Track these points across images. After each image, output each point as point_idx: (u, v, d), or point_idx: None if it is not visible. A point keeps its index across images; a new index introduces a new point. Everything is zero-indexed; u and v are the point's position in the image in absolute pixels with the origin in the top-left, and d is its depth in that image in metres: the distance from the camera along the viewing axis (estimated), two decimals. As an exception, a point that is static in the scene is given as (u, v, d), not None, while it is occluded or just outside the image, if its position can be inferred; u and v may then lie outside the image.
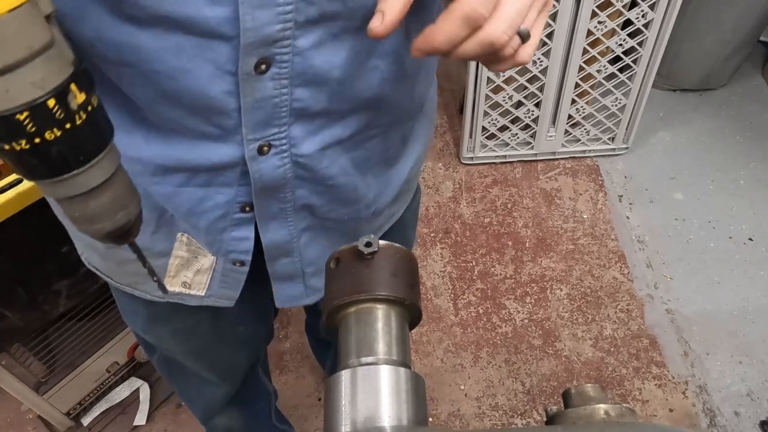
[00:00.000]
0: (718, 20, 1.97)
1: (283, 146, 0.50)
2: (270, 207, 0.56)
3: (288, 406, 1.48)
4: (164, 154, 0.50)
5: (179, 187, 0.53)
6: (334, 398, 0.35)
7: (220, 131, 0.48)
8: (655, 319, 1.64)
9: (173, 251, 0.60)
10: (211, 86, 0.44)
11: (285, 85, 0.45)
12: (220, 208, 0.55)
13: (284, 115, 0.47)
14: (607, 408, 0.35)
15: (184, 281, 0.63)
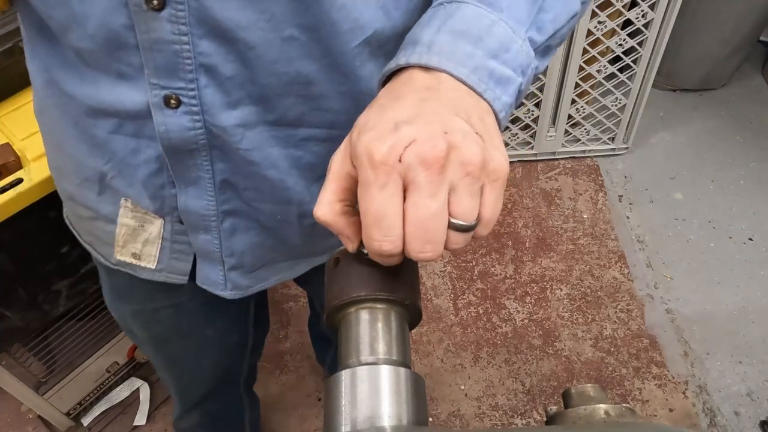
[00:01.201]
0: (718, 20, 1.97)
1: (193, 106, 0.48)
2: (186, 171, 0.54)
3: (288, 406, 1.48)
4: (90, 94, 0.50)
5: (111, 134, 0.52)
6: (334, 398, 0.35)
7: (131, 71, 0.47)
8: (655, 319, 1.64)
9: (119, 218, 0.60)
10: (112, 16, 0.43)
11: (184, 32, 0.43)
12: (153, 162, 0.54)
13: (189, 67, 0.45)
14: (607, 408, 0.35)
15: (133, 252, 0.63)
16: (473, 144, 0.34)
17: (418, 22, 0.43)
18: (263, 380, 1.52)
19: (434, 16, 0.41)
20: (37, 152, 0.87)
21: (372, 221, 0.34)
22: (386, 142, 0.33)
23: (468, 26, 0.39)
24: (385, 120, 0.35)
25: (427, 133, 0.33)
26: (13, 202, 0.83)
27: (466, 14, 0.40)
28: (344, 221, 0.37)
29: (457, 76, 0.38)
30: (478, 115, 0.37)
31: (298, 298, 1.67)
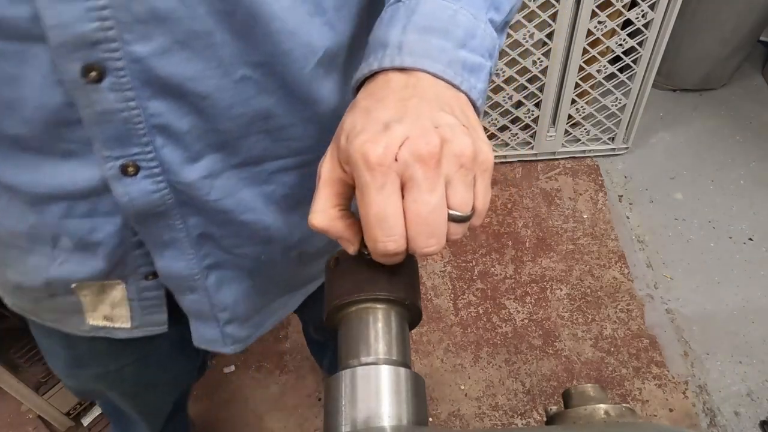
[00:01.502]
0: (718, 20, 1.97)
1: (154, 168, 0.45)
2: (159, 235, 0.51)
3: (288, 406, 1.48)
4: (32, 181, 0.45)
5: (62, 219, 0.48)
6: (334, 398, 0.35)
7: (77, 147, 0.43)
8: (655, 319, 1.64)
9: (76, 293, 0.56)
10: (48, 96, 0.39)
11: (131, 98, 0.40)
12: (114, 237, 0.50)
13: (143, 131, 0.42)
14: (607, 408, 0.35)
15: (105, 315, 0.59)
16: (463, 136, 0.35)
17: (378, 21, 0.42)
18: (263, 380, 1.52)
19: (396, 15, 0.40)
20: (37, 152, 0.87)
21: (374, 222, 0.34)
22: (380, 143, 0.33)
23: (432, 20, 0.39)
24: (374, 121, 0.35)
25: (419, 129, 0.34)
26: (13, 202, 0.83)
27: (427, 8, 0.40)
28: (341, 225, 0.37)
29: (433, 72, 0.38)
30: (459, 107, 0.38)
31: (298, 298, 1.67)
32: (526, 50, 1.68)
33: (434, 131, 0.34)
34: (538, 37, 1.65)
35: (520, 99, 1.81)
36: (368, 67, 0.39)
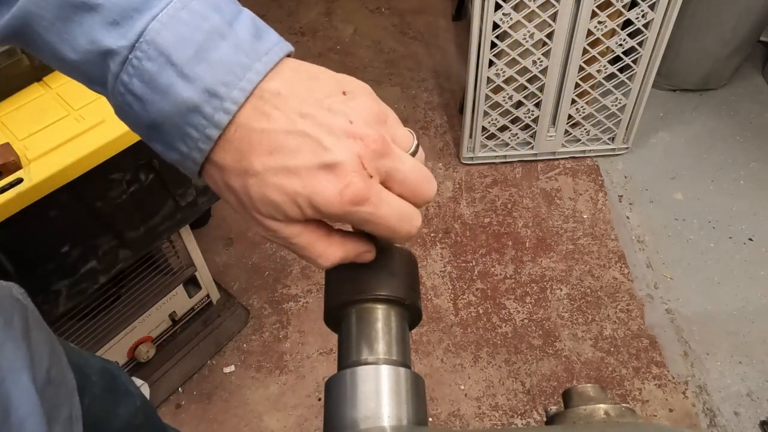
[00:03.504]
0: (718, 20, 1.97)
1: None
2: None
3: (288, 406, 1.48)
4: None
5: None
6: (334, 398, 0.35)
7: None
8: (655, 319, 1.64)
9: None
10: None
11: None
12: None
13: None
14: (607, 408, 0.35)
15: None
16: (361, 102, 0.35)
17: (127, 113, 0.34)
18: (263, 380, 1.52)
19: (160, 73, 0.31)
20: (37, 152, 0.87)
21: (399, 224, 0.35)
22: (355, 179, 0.32)
23: (191, 36, 0.31)
24: (310, 167, 0.32)
25: (351, 136, 0.33)
26: (13, 202, 0.83)
27: (176, 33, 0.31)
28: (350, 246, 0.37)
29: (263, 73, 0.32)
30: (310, 78, 0.34)
31: (298, 298, 1.67)
32: (526, 50, 1.68)
33: (353, 123, 0.33)
34: (538, 37, 1.65)
35: (520, 99, 1.81)
36: (199, 145, 0.32)
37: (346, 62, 2.31)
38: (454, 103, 2.17)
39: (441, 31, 2.45)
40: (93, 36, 0.31)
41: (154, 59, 0.30)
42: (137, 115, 0.33)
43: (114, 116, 0.37)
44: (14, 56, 0.94)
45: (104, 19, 0.30)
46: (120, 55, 0.31)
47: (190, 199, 1.14)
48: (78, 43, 0.31)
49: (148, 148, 0.37)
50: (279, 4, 2.55)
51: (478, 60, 1.71)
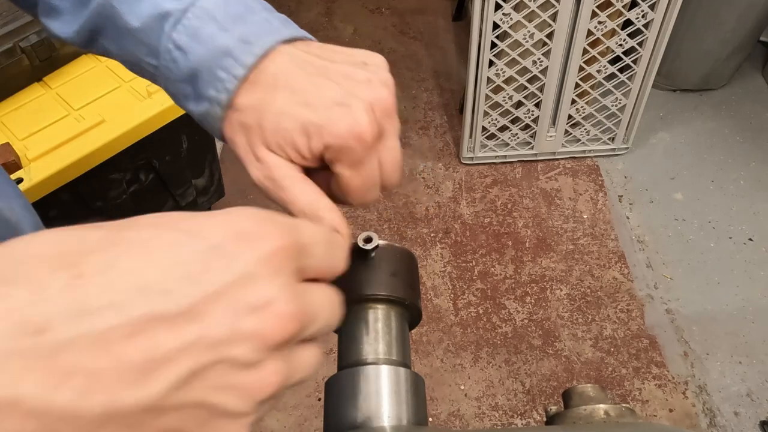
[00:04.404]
0: (718, 20, 1.97)
1: None
2: None
3: (288, 406, 1.48)
4: None
5: None
6: (334, 398, 0.35)
7: None
8: (655, 319, 1.64)
9: None
10: None
11: None
12: None
13: None
14: (607, 408, 0.35)
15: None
16: (382, 85, 0.37)
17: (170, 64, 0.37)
18: (263, 380, 1.52)
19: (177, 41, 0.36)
20: (37, 152, 0.87)
21: (370, 186, 0.36)
22: (361, 117, 0.34)
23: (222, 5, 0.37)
24: (324, 101, 0.35)
25: (364, 89, 0.35)
26: (13, 202, 0.83)
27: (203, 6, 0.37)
28: (327, 211, 0.36)
29: (280, 40, 0.36)
30: (328, 55, 0.37)
31: (298, 298, 1.67)
32: (526, 50, 1.68)
33: (371, 80, 0.36)
34: (538, 37, 1.65)
35: (520, 99, 1.81)
36: (227, 86, 0.36)
37: (346, 62, 2.31)
38: (454, 103, 2.17)
39: (441, 31, 2.45)
40: (156, 2, 0.36)
41: (200, 17, 0.36)
42: (179, 68, 0.36)
43: (114, 116, 0.39)
44: (14, 56, 0.94)
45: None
46: (173, 17, 0.36)
47: (190, 199, 1.14)
48: (142, 10, 0.37)
49: (148, 148, 0.39)
50: (279, 3, 2.54)
51: (478, 60, 1.71)
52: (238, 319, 0.21)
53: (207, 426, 0.21)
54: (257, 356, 0.21)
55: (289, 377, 0.24)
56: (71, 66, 1.16)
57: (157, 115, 1.07)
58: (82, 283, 0.18)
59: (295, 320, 0.23)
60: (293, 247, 0.24)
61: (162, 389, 0.19)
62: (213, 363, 0.20)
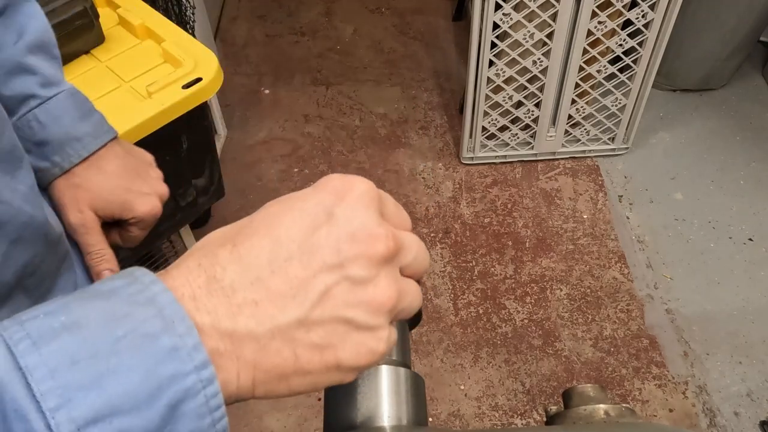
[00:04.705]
0: (718, 20, 1.97)
1: None
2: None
3: (288, 406, 1.48)
4: None
5: None
6: (334, 398, 0.35)
7: None
8: (655, 319, 1.64)
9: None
10: None
11: None
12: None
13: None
14: (607, 408, 0.35)
15: None
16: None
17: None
18: (263, 380, 1.52)
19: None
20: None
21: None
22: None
23: None
24: (135, 186, 0.59)
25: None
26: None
27: None
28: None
29: (115, 135, 0.59)
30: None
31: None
32: (526, 50, 1.68)
33: (161, 177, 0.59)
34: (538, 37, 1.65)
35: (520, 99, 1.81)
36: None
37: (346, 62, 2.31)
38: (454, 103, 2.17)
39: (441, 31, 2.45)
40: (27, 84, 0.54)
41: (60, 108, 0.55)
42: (34, 134, 0.53)
43: (114, 116, 0.42)
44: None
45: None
46: (39, 99, 0.54)
47: (190, 199, 1.14)
48: (15, 86, 0.52)
49: (148, 148, 0.43)
50: (279, 3, 2.55)
51: (478, 60, 1.71)
52: (348, 247, 0.27)
53: (349, 340, 0.27)
54: (369, 272, 0.27)
55: (400, 295, 0.28)
56: (71, 66, 1.16)
57: (157, 115, 1.07)
58: (237, 249, 0.27)
59: (393, 240, 0.28)
60: (377, 192, 0.30)
61: (305, 308, 0.26)
62: (337, 282, 0.26)
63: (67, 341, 0.22)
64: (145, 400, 0.22)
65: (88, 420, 0.21)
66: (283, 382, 0.27)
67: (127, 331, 0.23)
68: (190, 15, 1.59)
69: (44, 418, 0.21)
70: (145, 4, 1.26)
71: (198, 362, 0.23)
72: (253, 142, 2.05)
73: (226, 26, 2.45)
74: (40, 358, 0.21)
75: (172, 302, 0.24)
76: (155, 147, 1.20)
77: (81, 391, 0.21)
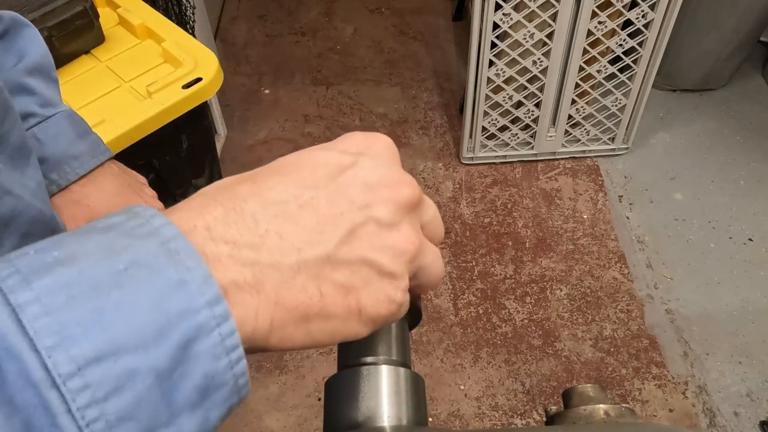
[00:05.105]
0: (718, 20, 1.97)
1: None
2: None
3: (288, 406, 1.48)
4: None
5: None
6: (334, 398, 0.35)
7: None
8: (655, 319, 1.63)
9: None
10: None
11: None
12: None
13: None
14: (607, 408, 0.35)
15: None
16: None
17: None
18: (263, 380, 1.52)
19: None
20: (37, 152, 0.87)
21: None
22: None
23: None
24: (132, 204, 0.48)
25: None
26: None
27: None
28: None
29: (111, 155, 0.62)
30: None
31: (298, 298, 1.67)
32: (526, 50, 1.68)
33: (155, 196, 0.55)
34: (538, 37, 1.65)
35: (520, 99, 1.81)
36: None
37: (346, 62, 2.31)
38: (454, 103, 2.17)
39: (441, 31, 2.45)
40: (27, 103, 0.55)
41: (59, 126, 0.57)
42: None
43: (114, 116, 0.42)
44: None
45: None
46: (38, 117, 0.56)
47: (190, 199, 1.14)
48: (16, 102, 0.52)
49: (148, 148, 0.42)
50: (279, 3, 2.55)
51: (478, 60, 1.71)
52: (375, 189, 0.27)
53: (371, 284, 0.26)
54: (395, 216, 0.27)
55: (422, 246, 0.28)
56: (71, 66, 1.16)
57: (157, 115, 1.07)
58: (258, 185, 0.26)
59: (416, 190, 0.28)
60: (396, 148, 0.30)
61: (333, 244, 0.25)
62: (365, 222, 0.26)
63: (62, 275, 0.20)
64: (152, 337, 0.20)
65: (90, 359, 0.19)
66: (302, 325, 0.25)
67: (129, 264, 0.21)
68: (190, 15, 1.59)
69: (39, 357, 0.18)
70: (145, 4, 1.26)
71: (210, 297, 0.21)
72: (253, 142, 2.05)
73: (226, 26, 2.45)
74: (32, 293, 0.19)
75: (177, 235, 0.22)
76: (155, 147, 1.21)
77: (80, 328, 0.19)
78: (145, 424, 0.20)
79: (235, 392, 0.23)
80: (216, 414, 0.22)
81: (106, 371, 0.19)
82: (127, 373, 0.19)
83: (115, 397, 0.19)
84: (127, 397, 0.20)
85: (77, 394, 0.19)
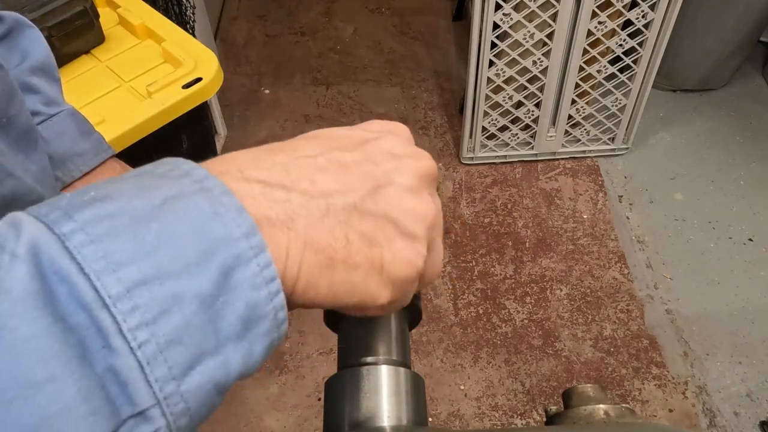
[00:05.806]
0: (718, 20, 1.97)
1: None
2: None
3: (288, 406, 1.48)
4: None
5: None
6: (334, 398, 0.35)
7: None
8: (655, 319, 1.64)
9: None
10: None
11: None
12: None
13: None
14: (607, 408, 0.35)
15: None
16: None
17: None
18: (263, 380, 1.52)
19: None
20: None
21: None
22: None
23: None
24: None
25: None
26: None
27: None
28: None
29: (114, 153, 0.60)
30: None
31: (298, 298, 1.67)
32: (526, 50, 1.68)
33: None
34: (538, 38, 1.65)
35: (520, 99, 1.81)
36: None
37: (346, 62, 2.31)
38: (454, 103, 2.17)
39: (441, 31, 2.45)
40: (34, 103, 0.54)
41: (64, 123, 0.57)
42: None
43: (114, 116, 0.41)
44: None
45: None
46: (42, 116, 0.54)
47: (190, 199, 1.14)
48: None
49: (148, 148, 0.41)
50: (279, 3, 2.55)
51: (479, 60, 1.71)
52: (399, 157, 0.29)
53: (394, 242, 0.27)
54: (416, 184, 0.28)
55: (439, 217, 0.30)
56: (71, 66, 1.16)
57: (157, 115, 1.07)
58: (283, 148, 0.27)
59: (435, 165, 0.30)
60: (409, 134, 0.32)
61: (360, 196, 0.27)
62: (389, 183, 0.28)
63: (102, 209, 0.21)
64: (196, 262, 0.21)
65: (137, 281, 0.20)
66: (327, 273, 0.26)
67: (164, 200, 0.22)
68: (190, 15, 1.59)
69: (89, 280, 0.19)
70: (145, 4, 1.26)
71: (245, 229, 0.22)
72: (253, 142, 2.05)
73: (226, 26, 2.45)
74: (76, 224, 0.20)
75: (208, 176, 0.23)
76: (155, 147, 1.21)
77: (124, 254, 0.20)
78: (193, 350, 0.21)
79: (275, 327, 0.23)
80: (259, 348, 0.23)
81: (154, 294, 0.20)
82: (173, 296, 0.20)
83: (163, 319, 0.20)
84: (174, 321, 0.20)
85: (128, 315, 0.19)
